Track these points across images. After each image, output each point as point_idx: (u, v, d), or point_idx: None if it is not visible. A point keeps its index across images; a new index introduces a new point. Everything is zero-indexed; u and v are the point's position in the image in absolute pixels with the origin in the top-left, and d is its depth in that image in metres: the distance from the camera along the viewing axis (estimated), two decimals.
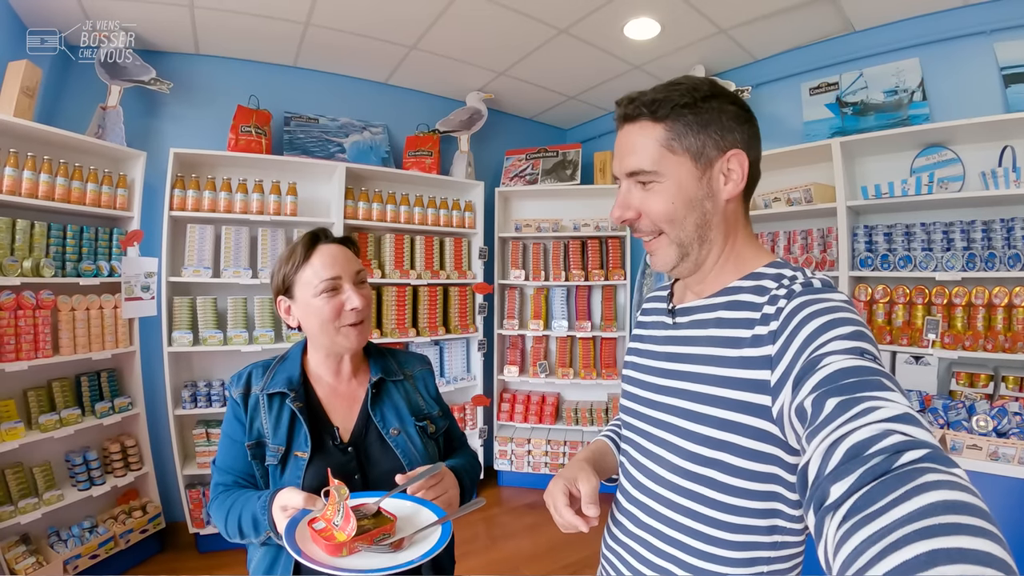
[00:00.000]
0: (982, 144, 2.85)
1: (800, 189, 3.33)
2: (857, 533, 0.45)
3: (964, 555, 0.37)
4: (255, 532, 1.11)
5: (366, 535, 0.96)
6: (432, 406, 1.39)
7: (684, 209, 0.87)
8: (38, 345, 2.78)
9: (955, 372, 2.85)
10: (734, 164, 0.87)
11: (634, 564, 0.95)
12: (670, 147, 0.87)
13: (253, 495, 1.15)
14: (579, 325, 4.48)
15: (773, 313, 0.80)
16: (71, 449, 3.05)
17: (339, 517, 0.96)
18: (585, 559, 3.44)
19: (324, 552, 0.93)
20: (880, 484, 0.47)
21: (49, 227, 2.89)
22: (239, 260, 3.55)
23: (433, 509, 1.10)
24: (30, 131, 2.79)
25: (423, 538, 1.01)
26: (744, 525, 0.83)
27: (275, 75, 3.88)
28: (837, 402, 0.60)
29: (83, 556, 2.89)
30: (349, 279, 1.24)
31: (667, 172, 0.87)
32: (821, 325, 0.72)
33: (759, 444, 0.79)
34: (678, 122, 0.86)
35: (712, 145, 0.86)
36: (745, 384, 0.80)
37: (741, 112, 0.89)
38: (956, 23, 2.93)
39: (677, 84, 0.89)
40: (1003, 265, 2.66)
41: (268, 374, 1.28)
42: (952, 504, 0.42)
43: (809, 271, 0.86)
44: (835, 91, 3.40)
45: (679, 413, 0.89)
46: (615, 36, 3.50)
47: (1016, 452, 2.29)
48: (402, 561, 0.92)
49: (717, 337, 0.87)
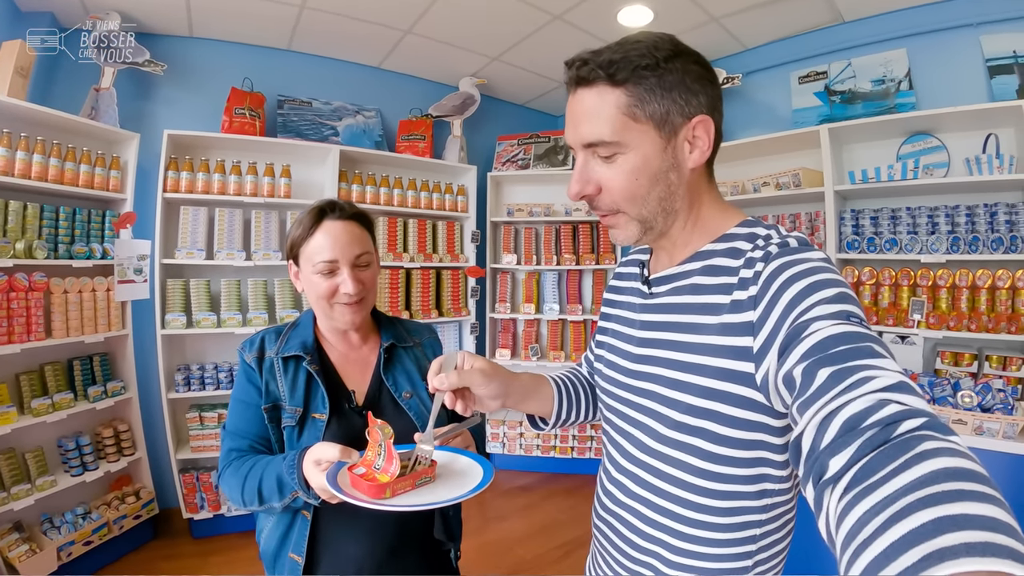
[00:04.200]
0: (966, 132, 2.96)
1: (789, 174, 3.42)
2: (859, 504, 0.44)
3: (970, 521, 0.37)
4: (279, 495, 1.09)
5: (408, 477, 0.94)
6: None
7: (648, 184, 0.81)
8: (30, 328, 2.74)
9: (940, 351, 2.97)
10: (700, 131, 0.81)
11: (627, 534, 0.93)
12: (632, 114, 0.79)
13: (276, 457, 1.14)
14: (570, 309, 4.52)
15: (751, 277, 0.77)
16: (63, 434, 3.00)
17: (381, 459, 0.95)
18: (578, 538, 3.50)
19: (367, 495, 0.91)
20: (879, 454, 0.47)
21: (42, 209, 2.84)
22: (233, 242, 3.52)
23: (467, 454, 1.10)
24: (24, 111, 2.73)
25: (465, 478, 1.00)
26: (733, 492, 0.82)
27: (269, 58, 3.85)
28: (829, 373, 0.58)
29: (77, 543, 2.85)
30: (347, 263, 1.22)
31: (629, 142, 0.80)
32: (803, 288, 0.70)
33: (744, 412, 0.77)
34: (639, 86, 0.78)
35: (677, 111, 0.79)
36: (727, 351, 0.77)
37: (705, 72, 0.82)
38: (943, 16, 3.03)
39: (635, 42, 0.80)
40: (986, 248, 2.77)
41: (281, 339, 1.29)
42: (953, 471, 0.42)
43: (784, 228, 0.83)
44: (824, 80, 3.49)
45: (661, 382, 0.86)
46: (608, 23, 3.53)
47: (1000, 427, 2.38)
48: (455, 495, 0.92)
49: (694, 304, 0.84)
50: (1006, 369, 2.75)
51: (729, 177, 3.83)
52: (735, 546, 0.83)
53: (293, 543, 1.18)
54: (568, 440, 4.39)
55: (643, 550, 0.90)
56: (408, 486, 0.94)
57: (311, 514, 1.17)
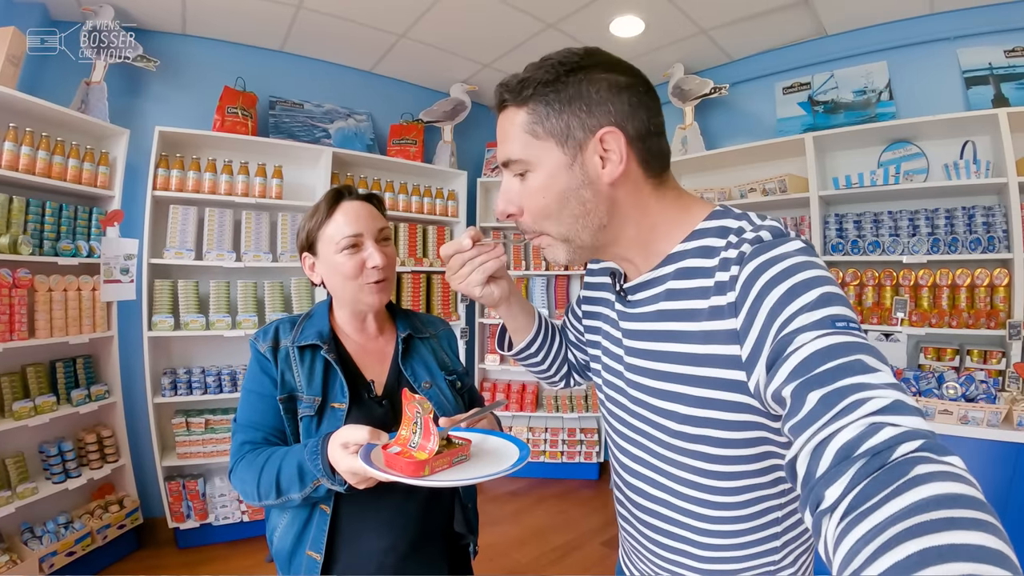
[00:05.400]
0: (945, 140, 3.14)
1: (775, 180, 3.55)
2: (852, 532, 0.44)
3: (956, 552, 0.37)
4: (299, 484, 1.06)
5: (444, 455, 0.92)
6: (457, 363, 1.41)
7: (558, 202, 0.80)
8: (13, 327, 2.62)
9: (923, 347, 3.11)
10: (610, 144, 0.77)
11: (652, 535, 0.93)
12: (533, 131, 0.78)
13: (295, 446, 1.11)
14: (559, 314, 4.55)
15: (728, 281, 0.73)
16: (45, 439, 2.88)
17: (417, 436, 0.92)
18: (570, 542, 3.50)
19: (405, 473, 0.87)
20: (873, 481, 0.46)
21: (28, 203, 2.74)
22: (222, 243, 3.45)
23: (497, 435, 1.10)
24: (13, 101, 2.64)
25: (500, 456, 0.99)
26: (747, 486, 0.81)
27: (262, 59, 3.81)
28: (819, 396, 0.56)
29: (59, 553, 2.73)
30: (371, 236, 1.21)
31: (533, 159, 0.79)
32: (784, 295, 0.67)
33: (742, 415, 0.76)
34: (540, 103, 0.77)
35: (577, 125, 0.77)
36: (716, 360, 0.75)
37: (620, 79, 0.79)
38: (922, 30, 3.21)
39: (546, 59, 0.79)
40: (965, 248, 2.93)
41: (297, 328, 1.26)
42: (944, 498, 0.41)
43: (755, 216, 0.79)
44: (807, 90, 3.65)
45: (654, 394, 0.85)
46: (601, 33, 3.61)
47: (984, 415, 2.49)
48: (495, 471, 0.90)
49: (672, 310, 0.81)
50: (986, 363, 2.89)
51: (716, 184, 3.96)
52: (760, 531, 0.84)
53: (311, 539, 1.14)
54: (558, 445, 4.40)
55: (671, 549, 0.90)
56: (445, 464, 0.93)
57: (331, 508, 1.13)
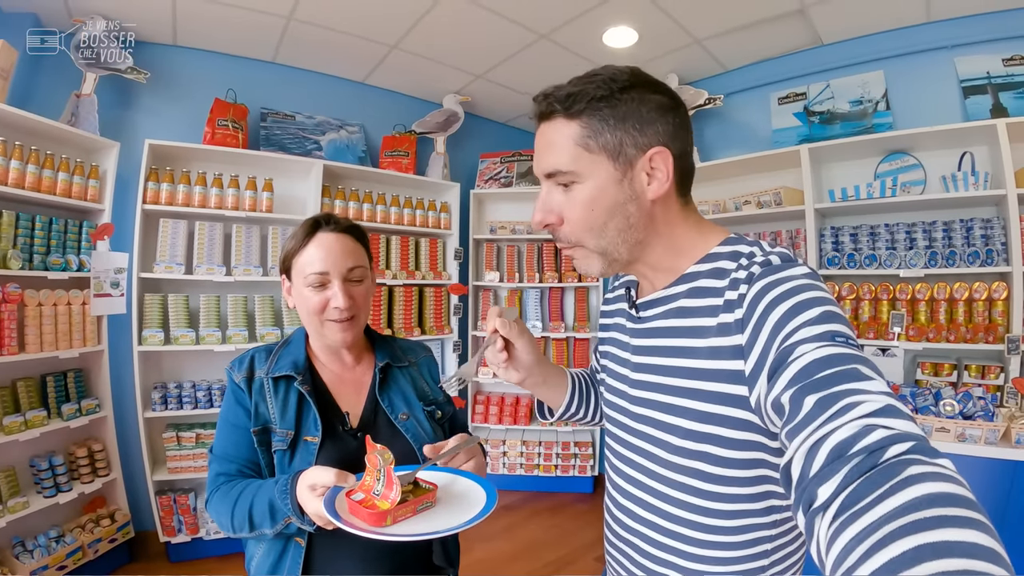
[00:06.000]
0: (942, 150, 3.08)
1: (770, 192, 3.51)
2: (845, 532, 0.44)
3: (950, 548, 0.37)
4: (270, 521, 1.06)
5: (409, 503, 0.92)
6: (437, 392, 1.38)
7: (605, 215, 0.83)
8: (3, 341, 2.62)
9: (920, 362, 3.05)
10: (658, 162, 0.81)
11: (639, 559, 0.93)
12: (586, 145, 0.81)
13: (267, 481, 1.10)
14: (552, 326, 4.53)
15: (736, 299, 0.77)
16: (36, 453, 2.88)
17: (380, 485, 0.91)
18: (563, 557, 3.47)
19: (367, 523, 0.87)
20: (866, 481, 0.47)
21: (17, 217, 2.74)
22: (213, 257, 3.44)
23: (468, 476, 1.07)
24: (2, 114, 2.65)
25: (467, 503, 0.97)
26: (740, 511, 0.82)
27: (253, 70, 3.80)
28: (816, 400, 0.58)
29: (51, 567, 2.73)
30: (339, 275, 1.19)
31: (584, 172, 0.81)
32: (788, 311, 0.70)
33: (743, 433, 0.78)
34: (593, 117, 0.80)
35: (631, 142, 0.80)
36: (721, 375, 0.78)
37: (665, 101, 0.83)
38: (919, 39, 3.16)
39: (594, 75, 0.82)
40: (963, 262, 2.87)
41: (272, 358, 1.24)
42: (938, 496, 0.42)
43: (767, 244, 0.83)
44: (803, 101, 3.60)
45: (659, 407, 0.87)
46: (594, 44, 3.59)
47: (982, 433, 2.44)
48: (458, 523, 0.88)
49: (682, 327, 0.84)
50: (984, 378, 2.83)
51: (711, 196, 3.91)
52: (748, 562, 0.84)
53: (286, 571, 1.13)
54: (552, 459, 4.36)
55: (656, 575, 0.90)
56: (409, 512, 0.92)
57: (305, 540, 1.12)
